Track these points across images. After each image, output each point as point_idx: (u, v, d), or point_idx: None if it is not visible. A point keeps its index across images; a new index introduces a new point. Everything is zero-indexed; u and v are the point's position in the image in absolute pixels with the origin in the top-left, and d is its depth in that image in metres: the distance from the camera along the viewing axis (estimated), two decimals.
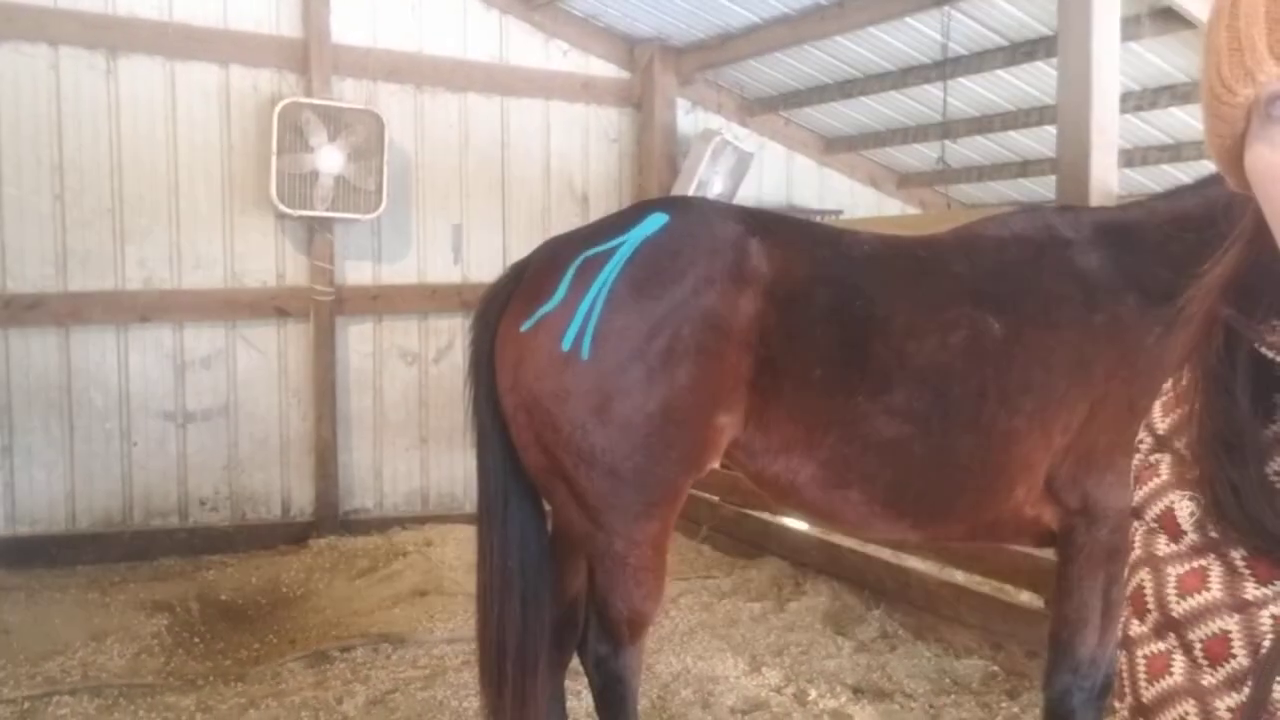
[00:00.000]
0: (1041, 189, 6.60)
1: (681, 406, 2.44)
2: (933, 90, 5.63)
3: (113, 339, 5.24)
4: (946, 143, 6.08)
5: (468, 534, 4.32)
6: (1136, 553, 0.84)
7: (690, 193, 5.75)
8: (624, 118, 6.41)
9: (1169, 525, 0.81)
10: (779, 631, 4.21)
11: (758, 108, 6.68)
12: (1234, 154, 0.74)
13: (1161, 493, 0.83)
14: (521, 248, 4.07)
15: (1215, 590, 0.75)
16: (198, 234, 5.37)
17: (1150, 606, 0.81)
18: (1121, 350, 2.45)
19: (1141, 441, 0.88)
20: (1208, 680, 0.74)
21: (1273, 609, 0.72)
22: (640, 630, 2.66)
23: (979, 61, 5.30)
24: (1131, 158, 5.48)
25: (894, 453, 2.49)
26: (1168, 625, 0.78)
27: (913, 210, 7.35)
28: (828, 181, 7.12)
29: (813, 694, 3.64)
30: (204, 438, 5.44)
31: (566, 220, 5.87)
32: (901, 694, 3.65)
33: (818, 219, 5.97)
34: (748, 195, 6.35)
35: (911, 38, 5.33)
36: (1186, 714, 0.75)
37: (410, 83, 5.80)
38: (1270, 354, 0.74)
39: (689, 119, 6.51)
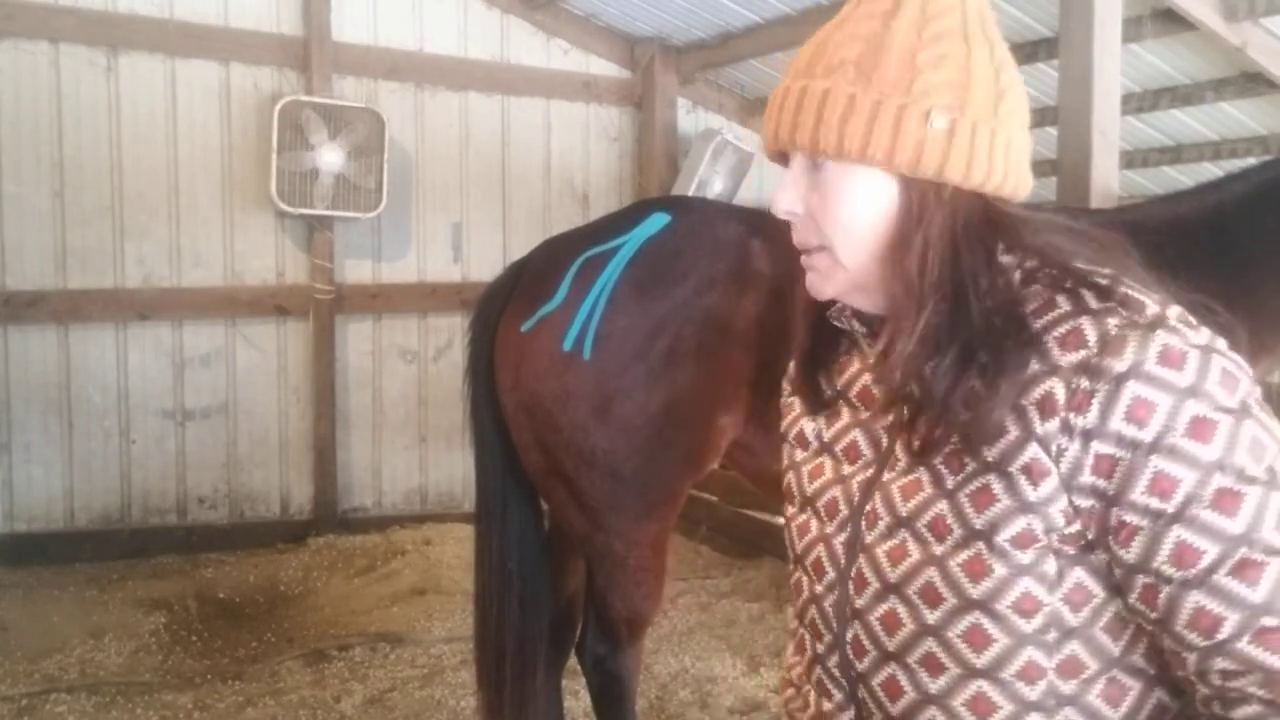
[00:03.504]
0: (1043, 190, 6.57)
1: (683, 407, 2.43)
2: None
3: (112, 337, 5.24)
4: None
5: (466, 533, 4.31)
6: (784, 462, 1.28)
7: (690, 192, 5.75)
8: (624, 117, 6.40)
9: (801, 440, 1.25)
10: (777, 632, 4.20)
11: (758, 107, 6.67)
12: None
13: (795, 421, 1.27)
14: (521, 247, 4.06)
15: (828, 474, 1.19)
16: (197, 232, 5.36)
17: (795, 493, 1.24)
18: None
19: (784, 389, 1.32)
20: (828, 529, 1.16)
21: (859, 477, 1.14)
22: (639, 631, 2.66)
23: None
24: (1132, 159, 5.47)
25: None
26: (805, 501, 1.21)
27: None
28: None
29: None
30: (203, 436, 5.44)
31: (567, 219, 5.86)
32: None
33: None
34: (748, 195, 6.34)
35: None
36: (821, 555, 1.17)
37: (411, 81, 5.79)
38: (834, 321, 1.20)
39: (690, 118, 6.51)
